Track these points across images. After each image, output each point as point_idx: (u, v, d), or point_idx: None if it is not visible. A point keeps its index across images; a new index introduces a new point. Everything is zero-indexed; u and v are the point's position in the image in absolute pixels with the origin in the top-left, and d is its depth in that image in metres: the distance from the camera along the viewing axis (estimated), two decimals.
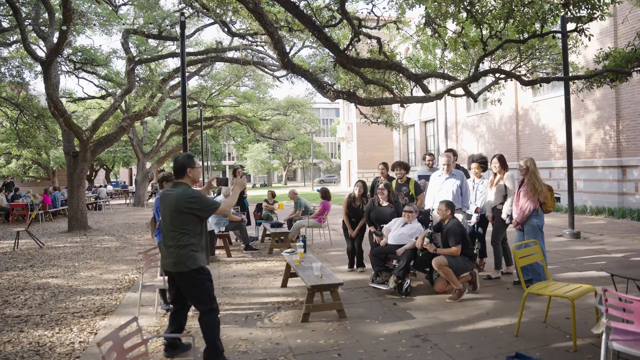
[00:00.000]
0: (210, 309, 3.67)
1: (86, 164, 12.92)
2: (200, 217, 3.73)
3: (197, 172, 3.84)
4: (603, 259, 7.21)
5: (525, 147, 16.03)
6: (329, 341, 4.32)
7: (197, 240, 3.71)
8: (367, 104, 7.62)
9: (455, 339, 4.24)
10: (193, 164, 3.83)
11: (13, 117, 18.93)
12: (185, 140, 8.28)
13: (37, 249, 10.66)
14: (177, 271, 3.65)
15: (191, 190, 3.72)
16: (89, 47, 17.37)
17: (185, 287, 3.72)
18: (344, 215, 7.26)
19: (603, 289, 2.95)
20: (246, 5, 6.10)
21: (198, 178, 3.87)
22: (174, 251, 3.64)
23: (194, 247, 3.66)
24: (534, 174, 5.67)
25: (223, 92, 24.18)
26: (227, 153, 72.53)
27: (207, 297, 3.69)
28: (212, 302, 3.71)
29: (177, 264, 3.64)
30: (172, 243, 3.67)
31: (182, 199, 3.63)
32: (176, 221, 3.66)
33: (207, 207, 3.71)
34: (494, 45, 6.81)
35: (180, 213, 3.63)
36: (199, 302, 3.68)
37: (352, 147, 37.18)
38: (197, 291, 3.69)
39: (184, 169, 3.79)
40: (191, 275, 3.64)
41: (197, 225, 3.72)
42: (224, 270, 7.66)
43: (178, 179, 3.82)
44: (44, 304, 6.10)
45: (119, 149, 35.03)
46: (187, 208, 3.62)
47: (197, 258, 3.66)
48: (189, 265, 3.61)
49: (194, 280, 3.67)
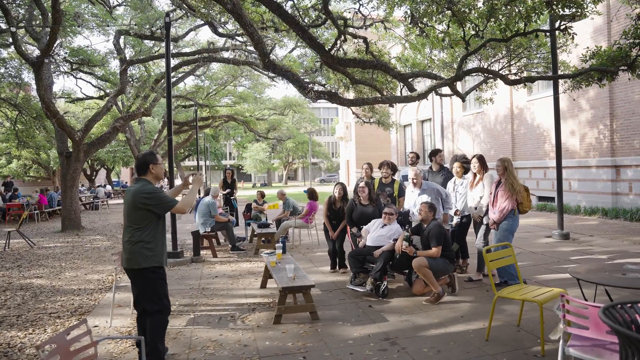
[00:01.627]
0: (158, 310, 3.64)
1: (79, 164, 12.93)
2: (157, 215, 3.70)
3: (159, 168, 3.82)
4: (588, 260, 7.14)
5: (521, 146, 15.94)
6: (297, 343, 4.29)
7: (150, 237, 3.66)
8: (349, 104, 7.58)
9: (424, 343, 4.20)
10: (155, 160, 3.82)
11: (12, 118, 18.99)
12: (170, 142, 8.25)
13: (28, 249, 10.68)
14: (129, 267, 3.64)
15: (149, 186, 3.69)
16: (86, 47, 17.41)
17: (136, 284, 3.69)
18: (325, 217, 7.23)
19: (561, 295, 2.91)
20: (224, 5, 6.06)
21: (161, 174, 3.86)
22: (127, 247, 3.63)
23: (147, 245, 3.62)
24: (511, 174, 5.61)
25: (220, 92, 24.18)
26: (228, 153, 72.65)
27: (156, 297, 3.66)
28: (160, 302, 3.67)
29: (129, 260, 3.63)
30: (126, 238, 3.66)
31: (138, 194, 3.61)
32: (132, 217, 3.65)
33: (163, 203, 3.66)
34: (477, 44, 6.75)
35: (136, 209, 3.62)
36: (148, 300, 3.66)
37: (350, 146, 37.12)
38: (147, 289, 3.66)
39: (146, 165, 3.78)
40: (142, 273, 3.62)
41: (152, 222, 3.68)
42: (207, 270, 7.65)
43: (140, 175, 3.80)
44: (23, 305, 6.09)
45: (118, 148, 35.15)
46: (142, 204, 3.60)
47: (149, 256, 3.62)
48: (139, 263, 3.59)
49: (144, 279, 3.64)
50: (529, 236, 9.68)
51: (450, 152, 20.34)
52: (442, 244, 5.46)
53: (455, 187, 6.51)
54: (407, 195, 6.55)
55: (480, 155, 6.30)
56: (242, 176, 69.58)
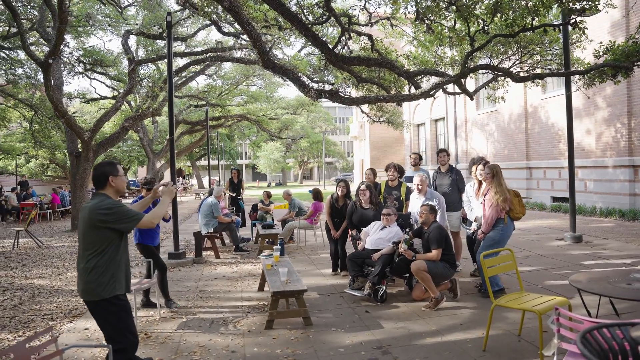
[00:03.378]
0: (118, 349, 3.04)
1: (88, 164, 13.00)
2: (119, 232, 3.15)
3: (120, 181, 3.26)
4: (599, 265, 6.84)
5: (535, 145, 15.52)
6: (286, 350, 4.15)
7: (111, 262, 3.10)
8: (351, 103, 7.39)
9: (417, 352, 4.01)
10: (116, 171, 3.25)
11: (29, 118, 19.26)
12: (171, 142, 8.19)
13: (35, 249, 10.76)
14: (86, 300, 3.11)
15: (108, 201, 3.14)
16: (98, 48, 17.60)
17: (95, 317, 3.15)
18: (327, 216, 7.07)
19: (555, 307, 2.70)
20: (221, 3, 5.95)
21: (123, 188, 3.33)
22: (82, 275, 3.09)
23: (105, 271, 3.07)
24: (497, 181, 5.27)
25: (232, 91, 24.16)
26: (244, 152, 72.90)
27: (117, 333, 3.10)
28: (123, 340, 3.10)
29: (85, 292, 3.08)
30: (81, 265, 3.11)
31: (95, 211, 3.06)
32: (88, 237, 3.09)
33: (126, 218, 3.11)
34: (483, 41, 6.50)
35: (94, 228, 3.06)
36: (108, 337, 3.13)
37: (364, 146, 36.88)
38: (107, 325, 3.11)
39: (105, 177, 3.22)
40: (101, 305, 3.07)
41: (113, 243, 3.13)
42: (207, 272, 7.55)
43: (98, 189, 3.25)
44: (19, 306, 6.08)
45: (134, 148, 35.53)
46: (100, 222, 3.04)
47: (109, 284, 3.07)
48: (98, 293, 3.04)
49: (103, 312, 3.09)
50: (540, 238, 9.36)
51: (463, 151, 19.97)
52: (442, 247, 5.26)
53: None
54: (412, 200, 6.35)
55: (487, 162, 5.96)
56: (257, 176, 69.80)
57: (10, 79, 16.75)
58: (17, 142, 26.05)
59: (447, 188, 6.68)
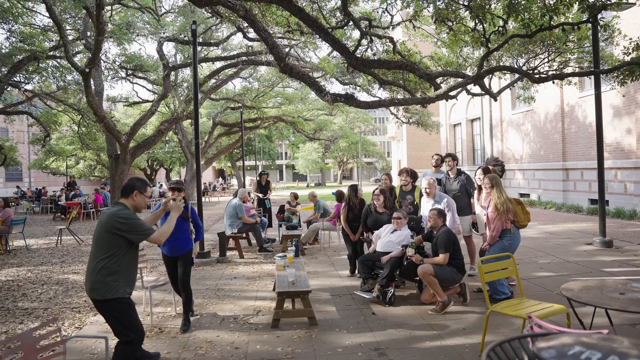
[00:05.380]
0: (124, 342, 3.35)
1: (126, 165, 13.65)
2: (129, 242, 3.40)
3: (141, 199, 3.57)
4: (624, 273, 6.58)
5: (572, 146, 14.96)
6: (287, 349, 4.29)
7: (117, 266, 3.35)
8: (366, 106, 7.44)
9: (413, 355, 4.06)
10: (143, 190, 3.58)
11: (77, 122, 20.41)
12: (197, 146, 8.51)
13: (76, 246, 11.43)
14: (93, 298, 3.36)
15: (126, 212, 3.42)
16: (138, 54, 18.42)
17: (101, 314, 3.44)
18: (344, 222, 7.12)
19: (528, 315, 2.71)
20: (237, 13, 6.15)
21: (141, 207, 3.60)
22: (90, 275, 3.34)
23: (112, 275, 3.32)
24: (497, 193, 5.18)
25: (267, 93, 24.61)
26: (284, 152, 73.78)
27: (123, 328, 3.37)
28: (128, 334, 3.37)
29: (92, 290, 3.33)
30: (91, 264, 3.36)
31: (112, 218, 3.34)
32: (101, 240, 3.35)
33: (137, 231, 3.38)
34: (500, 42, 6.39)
35: (108, 232, 3.33)
36: (115, 331, 3.41)
37: (402, 146, 36.57)
38: (113, 321, 3.39)
39: (132, 190, 3.55)
40: (107, 304, 3.34)
41: (123, 249, 3.38)
42: (228, 271, 7.81)
43: (121, 197, 3.59)
44: (53, 299, 6.53)
45: (176, 149, 36.76)
46: (115, 228, 3.32)
47: (113, 287, 3.32)
48: (103, 294, 3.30)
49: (110, 309, 3.36)
50: (567, 242, 9.07)
51: (499, 152, 19.49)
52: (449, 252, 5.25)
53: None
54: (422, 204, 6.36)
55: (487, 167, 5.87)
56: (297, 176, 70.48)
57: (61, 85, 17.87)
58: (67, 145, 27.58)
59: (456, 193, 6.64)
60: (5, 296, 6.72)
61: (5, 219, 10.50)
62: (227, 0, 6.36)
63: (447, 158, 6.85)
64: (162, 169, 43.31)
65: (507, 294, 5.12)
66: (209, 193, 33.05)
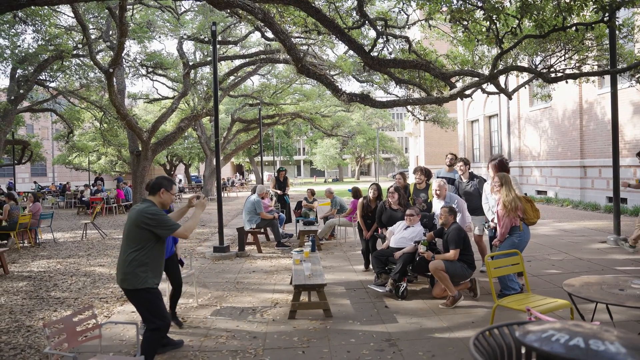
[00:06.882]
0: (152, 329, 3.63)
1: (147, 162, 14.05)
2: (156, 236, 3.67)
3: (168, 196, 3.84)
4: (637, 272, 6.64)
5: (590, 143, 14.86)
6: (303, 339, 4.53)
7: (146, 258, 3.62)
8: (381, 106, 7.60)
9: (422, 346, 4.25)
10: (169, 187, 3.84)
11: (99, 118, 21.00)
12: (217, 143, 8.78)
13: (100, 240, 11.86)
14: (123, 287, 3.67)
15: (154, 208, 3.69)
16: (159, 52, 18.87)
17: (132, 302, 3.76)
18: (359, 218, 7.33)
19: (527, 308, 2.88)
20: (255, 16, 6.37)
21: (168, 203, 3.88)
22: (122, 266, 3.63)
23: (141, 266, 3.59)
24: (505, 191, 5.29)
25: (285, 90, 24.88)
26: (302, 148, 74.15)
27: (150, 316, 3.65)
28: (155, 322, 3.64)
29: (123, 281, 3.62)
30: (123, 257, 3.64)
31: (142, 213, 3.61)
32: (131, 234, 3.63)
33: (164, 226, 3.64)
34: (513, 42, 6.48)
35: (137, 227, 3.59)
36: (144, 318, 3.72)
37: (419, 142, 36.47)
38: (142, 309, 3.69)
39: (159, 187, 3.81)
40: (137, 293, 3.63)
41: (151, 243, 3.65)
42: (247, 265, 8.09)
43: (149, 195, 3.85)
44: (83, 289, 6.89)
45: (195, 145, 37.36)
46: (144, 223, 3.58)
47: (143, 278, 3.59)
48: (134, 284, 3.58)
49: (139, 299, 3.66)
50: (581, 240, 9.12)
51: (516, 149, 19.40)
52: (460, 248, 5.42)
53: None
54: (434, 203, 6.51)
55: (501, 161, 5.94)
56: (315, 172, 70.78)
57: (84, 83, 18.43)
58: (89, 141, 28.30)
59: (469, 196, 6.75)
60: (39, 286, 7.12)
61: (35, 213, 10.96)
62: (246, 3, 6.60)
63: (459, 163, 6.94)
64: (182, 164, 44.02)
65: (516, 290, 5.25)
66: (227, 188, 33.55)
